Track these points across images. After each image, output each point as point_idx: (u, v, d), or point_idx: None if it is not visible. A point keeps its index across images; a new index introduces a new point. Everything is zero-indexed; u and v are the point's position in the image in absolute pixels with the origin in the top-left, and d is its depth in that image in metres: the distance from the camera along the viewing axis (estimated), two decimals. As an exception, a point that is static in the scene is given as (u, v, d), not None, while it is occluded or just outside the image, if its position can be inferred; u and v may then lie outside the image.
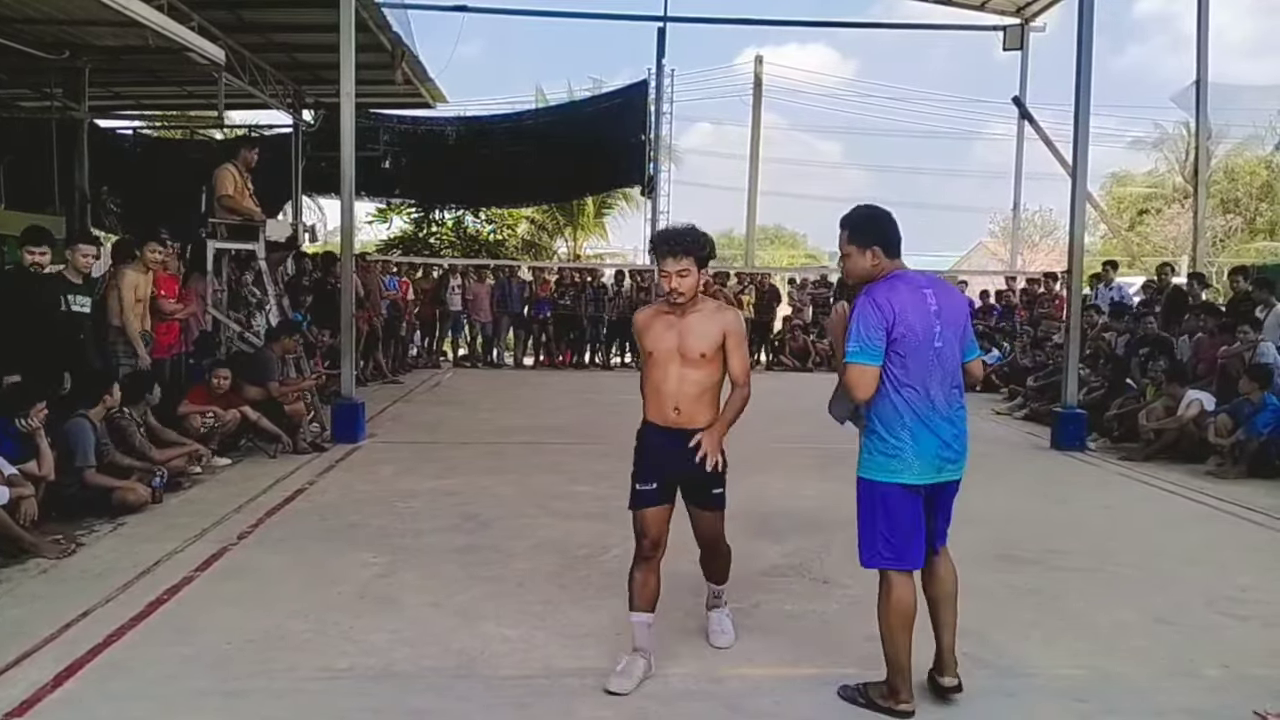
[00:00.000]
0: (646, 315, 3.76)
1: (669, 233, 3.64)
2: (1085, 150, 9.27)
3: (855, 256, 3.34)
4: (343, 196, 9.09)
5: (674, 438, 3.61)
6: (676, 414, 3.62)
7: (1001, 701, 3.53)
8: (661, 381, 3.64)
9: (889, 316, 3.19)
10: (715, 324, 3.62)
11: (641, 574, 3.66)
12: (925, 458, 3.25)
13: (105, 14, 7.95)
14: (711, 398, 3.67)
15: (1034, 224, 34.71)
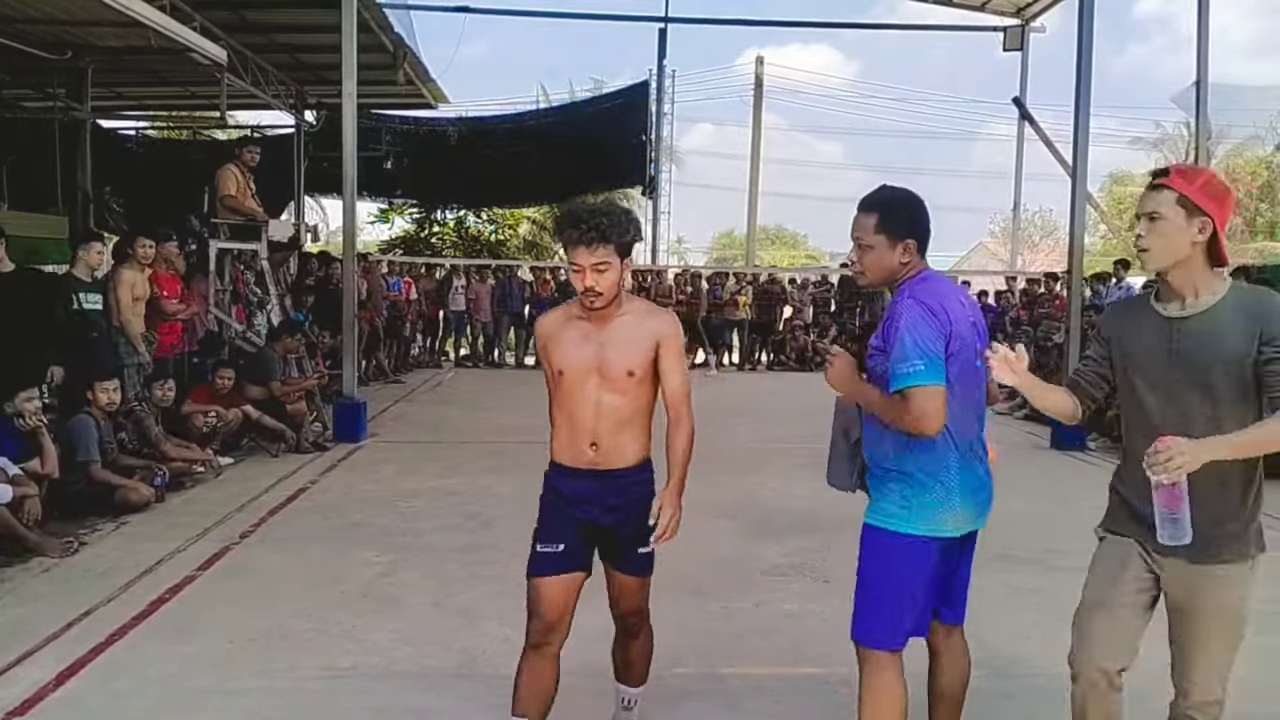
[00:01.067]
0: (553, 321, 2.87)
1: (579, 213, 2.69)
2: (1085, 150, 9.28)
3: (882, 250, 2.59)
4: (345, 197, 9.11)
5: (590, 483, 2.81)
6: (594, 451, 2.78)
7: (1001, 701, 3.54)
8: (575, 409, 2.78)
9: (945, 325, 2.50)
10: (645, 332, 2.78)
11: (532, 666, 2.94)
12: (971, 503, 2.65)
13: (108, 14, 7.95)
14: (640, 428, 2.85)
15: (1034, 224, 34.76)
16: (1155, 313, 2.46)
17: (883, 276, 2.66)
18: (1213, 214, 2.34)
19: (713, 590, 4.66)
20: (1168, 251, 2.38)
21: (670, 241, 25.72)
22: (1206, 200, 2.35)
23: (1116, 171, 34.17)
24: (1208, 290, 2.39)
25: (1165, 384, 2.42)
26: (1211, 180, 2.41)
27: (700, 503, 6.45)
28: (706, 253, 42.35)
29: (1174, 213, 2.36)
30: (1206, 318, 2.37)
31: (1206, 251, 2.37)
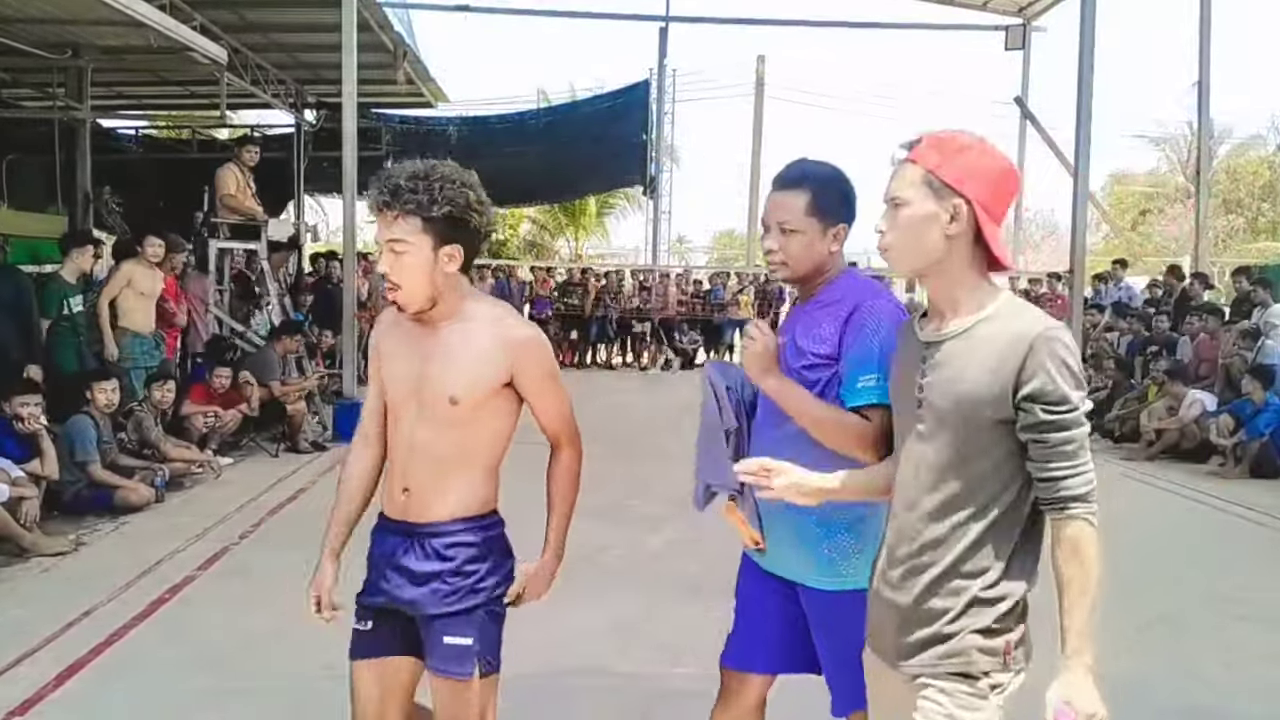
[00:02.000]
0: (385, 321, 2.26)
1: (386, 171, 2.05)
2: (1087, 150, 9.27)
3: (813, 237, 2.14)
4: (345, 196, 9.11)
5: (398, 539, 2.18)
6: (404, 497, 2.16)
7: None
8: (393, 440, 2.21)
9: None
10: (487, 346, 2.09)
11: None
12: None
13: (107, 13, 7.94)
14: (471, 473, 2.20)
15: (1035, 224, 34.73)
16: (914, 334, 1.82)
17: (808, 269, 2.19)
18: (972, 195, 1.70)
19: (713, 590, 4.65)
20: (913, 249, 1.75)
21: (670, 241, 25.68)
22: (961, 176, 1.71)
23: (1118, 171, 34.17)
24: (971, 305, 1.73)
25: (910, 434, 1.78)
26: (972, 148, 1.75)
27: (700, 503, 6.47)
28: (707, 253, 42.35)
29: (919, 196, 1.72)
30: (958, 344, 1.71)
31: (973, 250, 1.74)
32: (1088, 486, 1.63)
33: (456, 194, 2.02)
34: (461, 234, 2.04)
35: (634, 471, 7.43)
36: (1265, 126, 27.97)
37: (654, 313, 16.55)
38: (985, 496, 1.69)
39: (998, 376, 1.65)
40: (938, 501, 1.72)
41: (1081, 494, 1.62)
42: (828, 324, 2.12)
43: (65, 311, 6.91)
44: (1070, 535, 1.62)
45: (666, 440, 9.15)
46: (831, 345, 2.11)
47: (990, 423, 1.67)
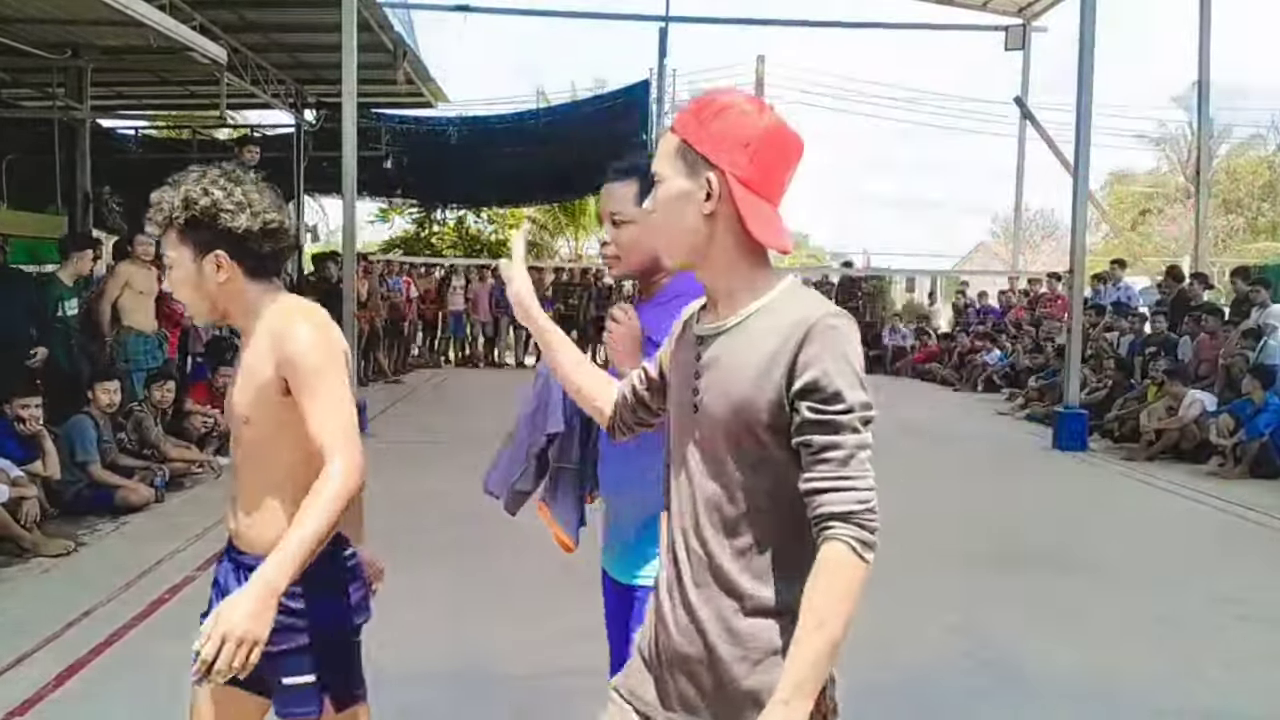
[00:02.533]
0: None
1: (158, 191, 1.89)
2: (1086, 150, 9.27)
3: (640, 230, 1.99)
4: (344, 196, 9.11)
5: (229, 565, 2.09)
6: (234, 523, 2.04)
7: (1001, 701, 3.53)
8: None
9: None
10: (262, 354, 1.89)
11: None
12: None
13: (107, 13, 7.94)
14: (283, 496, 1.92)
15: (1036, 224, 34.73)
16: (690, 330, 1.58)
17: (643, 263, 2.04)
18: (726, 166, 1.43)
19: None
20: (671, 233, 1.50)
21: (670, 241, 25.65)
22: (715, 145, 1.43)
23: (1118, 171, 34.18)
24: (746, 294, 1.47)
25: (686, 440, 1.52)
26: (730, 110, 1.45)
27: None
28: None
29: (673, 170, 1.48)
30: (731, 339, 1.47)
31: (743, 230, 1.44)
32: (855, 505, 1.37)
33: (197, 195, 1.84)
34: (220, 239, 1.85)
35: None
36: (1265, 126, 27.94)
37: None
38: (767, 517, 1.44)
39: (771, 373, 1.39)
40: (717, 521, 1.46)
41: (843, 512, 1.36)
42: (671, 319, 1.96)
43: (60, 314, 6.92)
44: (824, 558, 1.36)
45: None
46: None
47: (766, 427, 1.41)
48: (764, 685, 1.39)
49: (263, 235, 1.89)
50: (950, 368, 14.97)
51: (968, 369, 14.41)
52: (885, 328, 17.16)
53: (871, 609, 3.38)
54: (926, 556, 5.32)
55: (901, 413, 11.44)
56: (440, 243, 22.29)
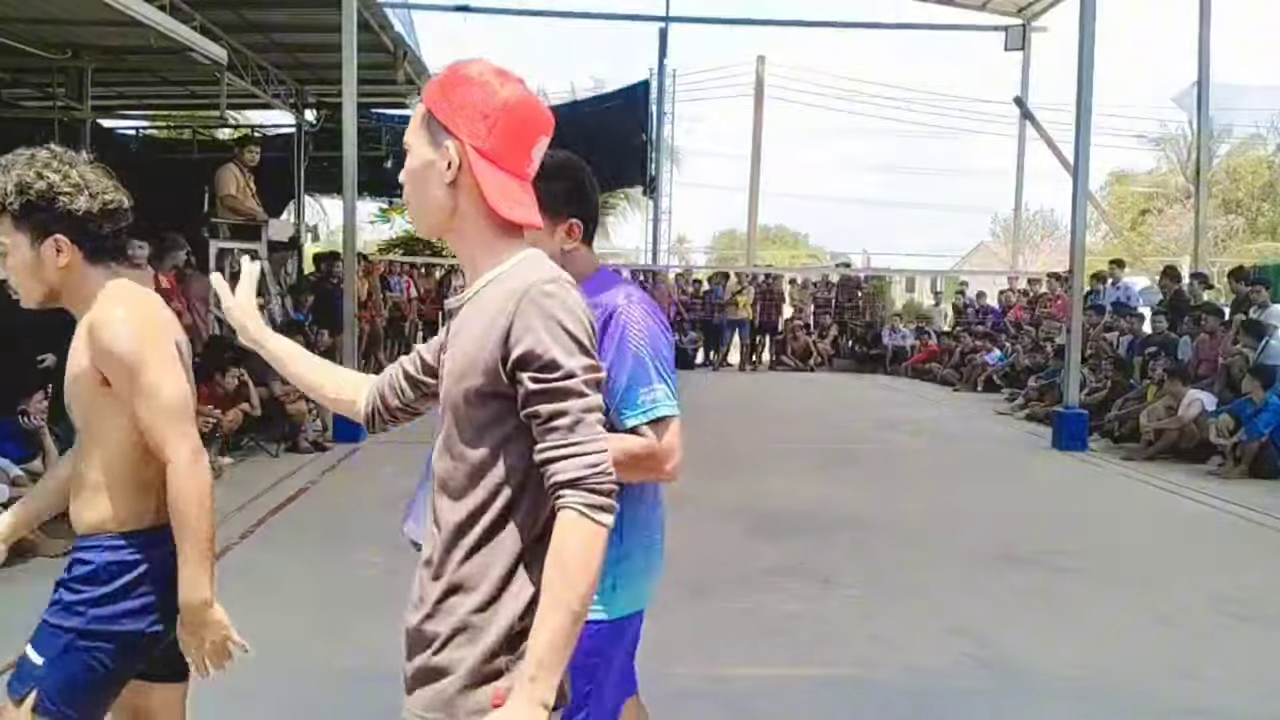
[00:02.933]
0: None
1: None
2: (1086, 150, 9.27)
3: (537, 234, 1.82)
4: (345, 196, 9.12)
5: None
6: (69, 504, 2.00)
7: (1001, 701, 3.53)
8: None
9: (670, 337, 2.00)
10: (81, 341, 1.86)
11: None
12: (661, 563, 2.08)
13: (108, 13, 7.94)
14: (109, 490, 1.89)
15: (1035, 224, 34.76)
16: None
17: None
18: (464, 135, 1.42)
19: (713, 590, 4.66)
20: (417, 204, 1.50)
21: (671, 241, 25.69)
22: (454, 113, 1.43)
23: (1118, 171, 34.20)
24: (488, 264, 1.46)
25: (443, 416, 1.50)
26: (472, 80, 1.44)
27: (701, 502, 6.47)
28: (707, 253, 42.36)
29: (418, 140, 1.48)
30: (467, 311, 1.46)
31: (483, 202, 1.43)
32: (586, 470, 1.32)
33: (31, 178, 1.79)
34: (59, 222, 1.80)
35: (634, 471, 7.44)
36: (1265, 126, 27.93)
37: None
38: (487, 493, 1.40)
39: (486, 342, 1.38)
40: (446, 501, 1.45)
41: (575, 478, 1.32)
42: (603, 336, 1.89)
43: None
44: (557, 528, 1.33)
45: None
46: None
47: (488, 399, 1.39)
48: (448, 662, 1.42)
49: (103, 216, 1.85)
50: (950, 368, 14.98)
51: (968, 369, 14.42)
52: (885, 328, 17.18)
53: (872, 609, 3.40)
54: (926, 556, 5.33)
55: (901, 413, 11.45)
56: (440, 242, 22.27)
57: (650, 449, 1.82)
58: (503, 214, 1.43)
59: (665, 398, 1.85)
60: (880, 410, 11.66)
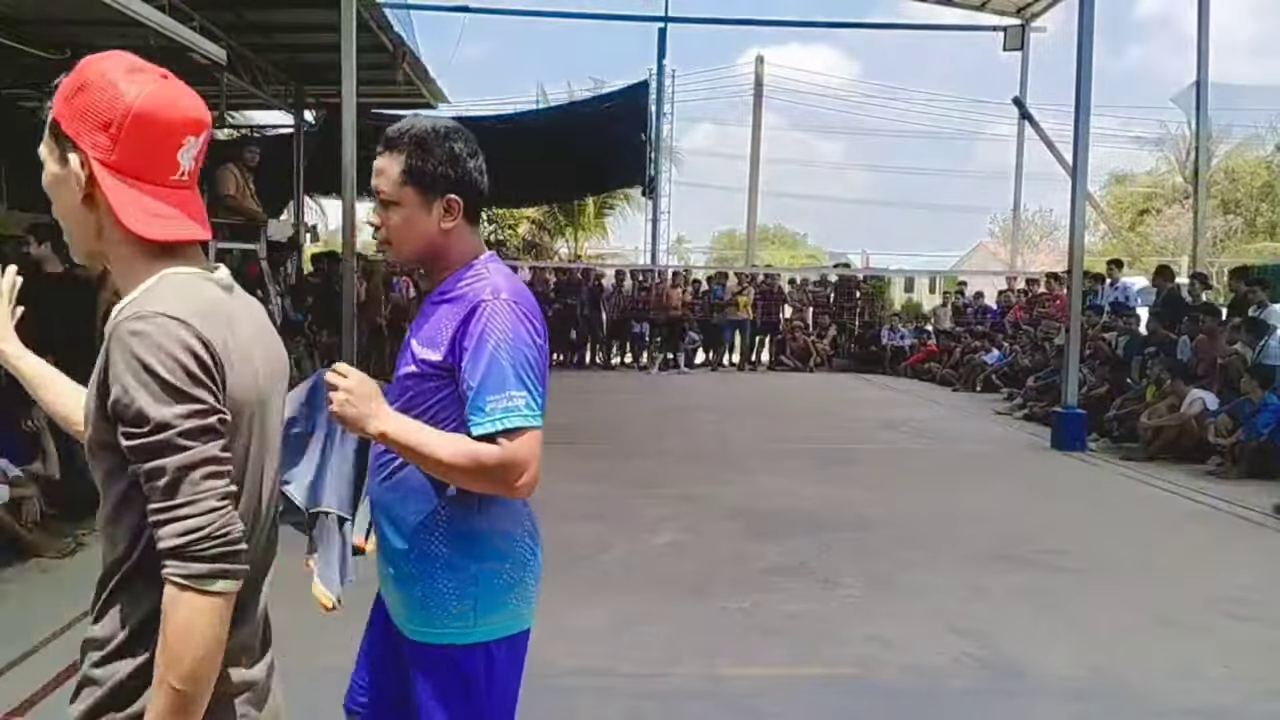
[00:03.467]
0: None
1: None
2: (1085, 150, 9.28)
3: (410, 209, 1.79)
4: (344, 197, 9.12)
5: None
6: None
7: (1002, 701, 3.53)
8: None
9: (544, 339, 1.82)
10: None
11: None
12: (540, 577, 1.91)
13: (106, 14, 7.94)
14: None
15: (1034, 224, 34.76)
16: None
17: (418, 249, 1.83)
18: (89, 148, 1.28)
19: (713, 590, 4.66)
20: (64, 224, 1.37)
21: (670, 241, 25.71)
22: (79, 125, 1.29)
23: (1117, 171, 34.22)
24: (130, 290, 1.30)
25: None
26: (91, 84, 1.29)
27: (701, 502, 6.47)
28: (706, 253, 42.35)
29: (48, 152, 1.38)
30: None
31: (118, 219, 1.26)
32: (182, 539, 1.18)
33: None
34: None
35: (634, 471, 7.44)
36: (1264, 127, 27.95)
37: (653, 313, 16.54)
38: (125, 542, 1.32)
39: (92, 387, 1.25)
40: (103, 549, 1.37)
41: (172, 547, 1.19)
42: (446, 324, 1.76)
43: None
44: (164, 599, 1.21)
45: (667, 440, 9.16)
46: (444, 352, 1.74)
47: (106, 449, 1.25)
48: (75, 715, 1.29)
49: None
50: (949, 368, 14.99)
51: (967, 369, 14.42)
52: (884, 328, 17.18)
53: (872, 609, 3.40)
54: (926, 556, 5.33)
55: (901, 413, 11.46)
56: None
57: (500, 461, 1.66)
58: (140, 233, 1.25)
59: (525, 407, 1.67)
60: (880, 410, 11.66)
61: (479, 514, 1.77)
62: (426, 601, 1.78)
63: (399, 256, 1.86)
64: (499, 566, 1.79)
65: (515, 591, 1.81)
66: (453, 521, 1.77)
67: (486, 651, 1.79)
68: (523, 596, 1.83)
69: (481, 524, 1.78)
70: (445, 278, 1.83)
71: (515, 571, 1.81)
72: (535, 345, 1.74)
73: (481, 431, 1.67)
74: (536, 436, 1.69)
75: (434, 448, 1.68)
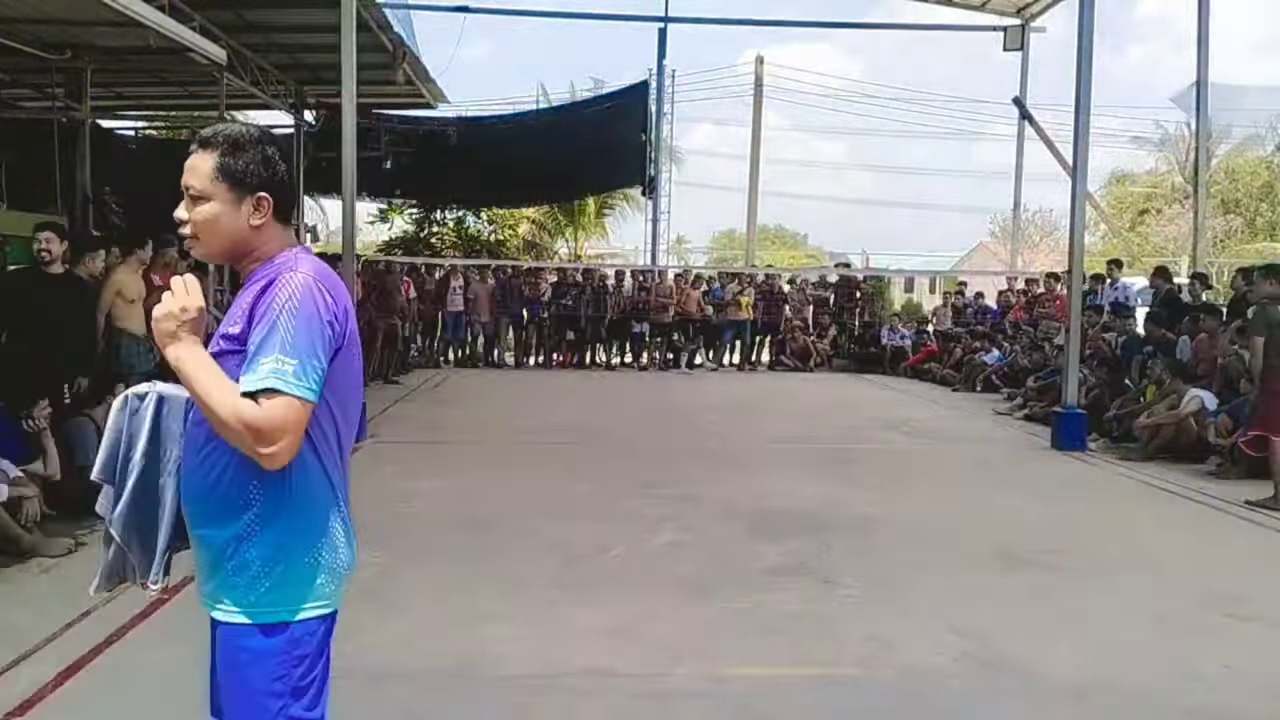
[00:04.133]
0: None
1: None
2: (1085, 150, 9.27)
3: (221, 205, 1.84)
4: (344, 197, 9.12)
5: None
6: None
7: (1001, 701, 3.53)
8: None
9: (340, 326, 1.82)
10: None
11: None
12: (353, 561, 1.95)
13: (107, 14, 7.95)
14: None
15: (1034, 224, 34.77)
16: None
17: (225, 245, 1.88)
18: None
19: (713, 590, 4.66)
20: None
21: (670, 241, 25.69)
22: None
23: (1117, 171, 34.22)
24: None
25: None
26: None
27: (701, 502, 6.47)
28: (706, 253, 42.35)
29: None
30: None
31: None
32: None
33: None
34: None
35: (634, 471, 7.44)
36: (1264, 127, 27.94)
37: (654, 313, 16.54)
38: None
39: None
40: None
41: None
42: (246, 299, 1.82)
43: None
44: None
45: (667, 440, 9.16)
46: (242, 325, 1.80)
47: None
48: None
49: None
50: (949, 368, 14.98)
51: (967, 369, 14.42)
52: (884, 328, 17.18)
53: (872, 609, 3.40)
54: (926, 556, 5.33)
55: (901, 413, 11.45)
56: (440, 243, 22.27)
57: (253, 420, 1.68)
58: None
59: (293, 375, 1.69)
60: (880, 410, 11.66)
61: (287, 493, 1.79)
62: (231, 579, 1.82)
63: (206, 252, 1.90)
64: (296, 549, 1.82)
65: (323, 574, 1.86)
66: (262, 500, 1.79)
67: (290, 631, 1.84)
68: (332, 578, 1.88)
69: (290, 503, 1.80)
70: (253, 270, 1.88)
71: (326, 554, 1.85)
72: (323, 320, 1.76)
73: (245, 389, 1.69)
74: (297, 407, 1.70)
75: (210, 389, 1.73)
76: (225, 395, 1.71)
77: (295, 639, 1.87)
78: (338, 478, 1.87)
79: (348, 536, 1.90)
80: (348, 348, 1.84)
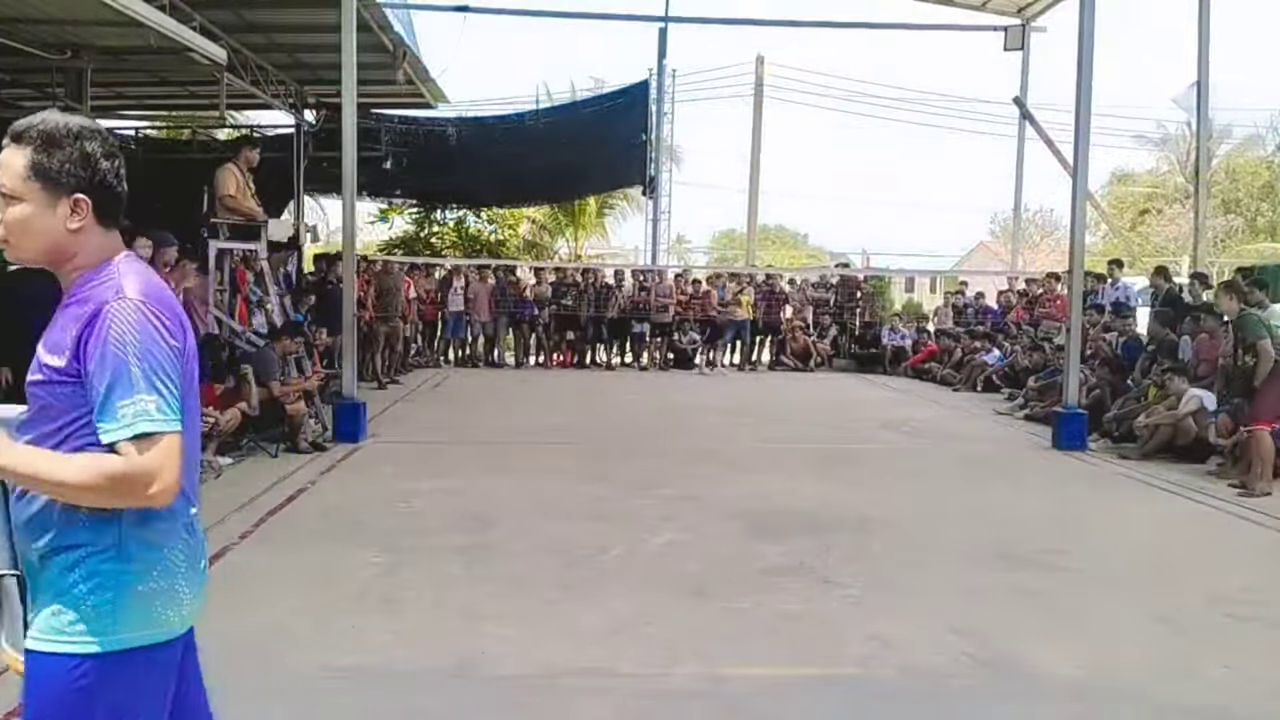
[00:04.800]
0: None
1: None
2: (1086, 150, 9.27)
3: (36, 207, 1.69)
4: (344, 197, 9.11)
5: None
6: None
7: (1001, 701, 3.53)
8: None
9: (180, 339, 1.73)
10: None
11: None
12: (200, 584, 1.89)
13: (107, 14, 7.95)
14: None
15: (1034, 224, 34.79)
16: None
17: (40, 249, 1.73)
18: None
19: (713, 590, 4.66)
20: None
21: (670, 241, 25.68)
22: None
23: (1118, 171, 34.23)
24: None
25: None
26: None
27: (702, 502, 6.47)
28: (706, 253, 42.36)
29: None
30: None
31: None
32: None
33: None
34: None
35: (635, 471, 7.44)
36: (1265, 126, 27.98)
37: (655, 313, 16.54)
38: None
39: None
40: None
41: None
42: (71, 328, 1.67)
43: None
44: None
45: (667, 440, 9.16)
46: (68, 357, 1.66)
47: None
48: None
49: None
50: (950, 368, 14.98)
51: (967, 369, 14.42)
52: (884, 328, 17.18)
53: (872, 609, 3.40)
54: (926, 556, 5.33)
55: (901, 413, 11.45)
56: (440, 243, 22.28)
57: (129, 471, 1.58)
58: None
59: (156, 411, 1.60)
60: (880, 410, 11.65)
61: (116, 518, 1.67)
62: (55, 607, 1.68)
63: (18, 255, 1.74)
64: (146, 571, 1.70)
65: (161, 599, 1.72)
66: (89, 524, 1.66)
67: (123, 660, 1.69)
68: (171, 604, 1.74)
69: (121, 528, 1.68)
70: (75, 279, 1.74)
71: (161, 579, 1.72)
72: (167, 345, 1.67)
73: (110, 439, 1.60)
74: (171, 440, 1.63)
75: (58, 472, 1.61)
76: (82, 466, 1.61)
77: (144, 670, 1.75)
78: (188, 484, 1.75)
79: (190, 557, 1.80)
80: (189, 360, 1.75)
